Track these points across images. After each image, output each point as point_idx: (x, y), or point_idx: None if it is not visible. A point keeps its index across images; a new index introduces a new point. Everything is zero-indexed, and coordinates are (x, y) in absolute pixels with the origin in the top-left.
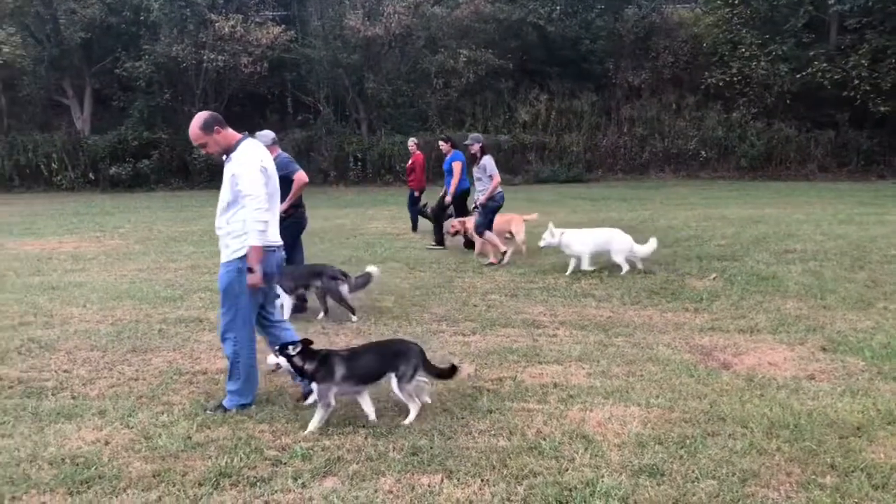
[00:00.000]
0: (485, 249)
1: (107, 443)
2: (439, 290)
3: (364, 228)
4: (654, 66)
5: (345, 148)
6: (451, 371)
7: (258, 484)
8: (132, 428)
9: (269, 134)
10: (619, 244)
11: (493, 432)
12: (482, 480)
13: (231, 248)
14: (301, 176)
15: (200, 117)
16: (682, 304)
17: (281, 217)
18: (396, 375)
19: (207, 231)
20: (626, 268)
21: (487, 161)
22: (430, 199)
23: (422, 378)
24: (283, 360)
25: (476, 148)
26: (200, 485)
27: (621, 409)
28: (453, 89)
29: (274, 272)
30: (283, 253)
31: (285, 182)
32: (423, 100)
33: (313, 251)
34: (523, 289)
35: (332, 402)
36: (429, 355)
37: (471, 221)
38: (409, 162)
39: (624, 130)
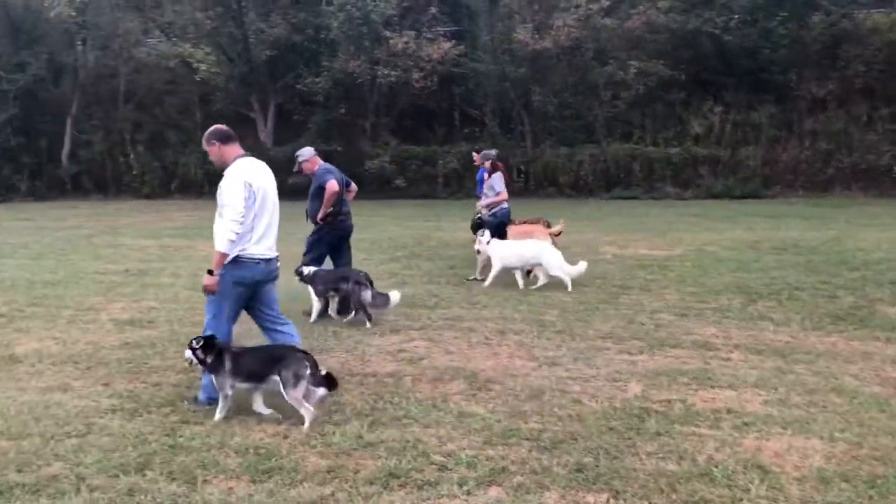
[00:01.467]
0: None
1: (285, 437)
2: (604, 306)
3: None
4: (843, 75)
5: (508, 160)
6: (332, 382)
7: (425, 487)
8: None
9: (309, 150)
10: (550, 257)
11: (661, 455)
12: (649, 503)
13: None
14: (332, 185)
15: (210, 129)
16: (871, 331)
17: (319, 223)
18: (280, 380)
19: (376, 240)
20: (542, 281)
21: (496, 177)
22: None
23: (313, 388)
24: (189, 353)
25: (487, 164)
26: (371, 483)
27: (801, 440)
28: (622, 101)
29: (258, 280)
30: (276, 265)
31: (321, 191)
32: (590, 112)
33: (475, 261)
34: (694, 308)
35: (229, 392)
36: (594, 372)
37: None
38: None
39: (806, 144)
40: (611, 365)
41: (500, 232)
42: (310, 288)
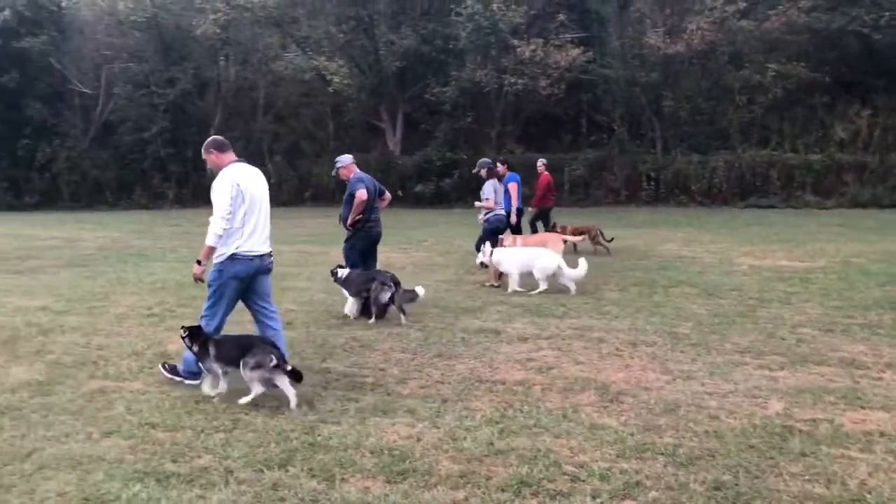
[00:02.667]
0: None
1: (418, 439)
2: (741, 319)
3: (657, 250)
4: None
5: (638, 167)
6: (297, 375)
7: (557, 497)
8: (440, 428)
9: (347, 157)
10: (546, 262)
11: (807, 477)
12: None
13: (216, 253)
14: (360, 194)
15: (208, 139)
16: None
17: (349, 229)
18: (243, 362)
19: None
20: (543, 287)
21: (486, 185)
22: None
23: (275, 375)
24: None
25: (483, 172)
26: (503, 490)
27: None
28: (758, 105)
29: (252, 274)
30: (270, 260)
31: (351, 199)
32: (724, 117)
33: (604, 270)
34: (840, 324)
35: (219, 371)
36: (731, 388)
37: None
38: (540, 180)
39: None
40: (749, 380)
41: (491, 237)
42: (343, 290)
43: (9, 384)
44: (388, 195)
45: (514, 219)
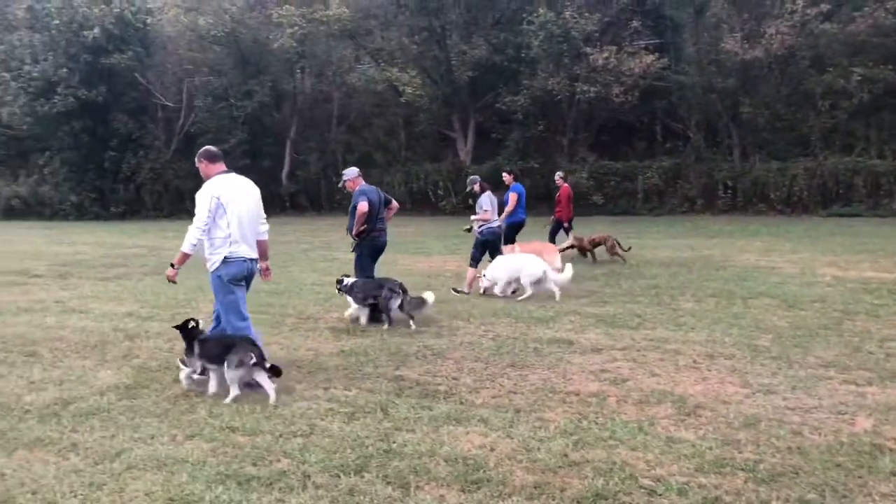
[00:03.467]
0: (471, 280)
1: (492, 449)
2: (825, 332)
3: (734, 260)
4: None
5: (714, 175)
6: (277, 371)
7: None
8: (513, 438)
9: (353, 170)
10: (531, 269)
11: None
12: None
13: (209, 262)
14: (362, 206)
15: (201, 150)
16: None
17: (354, 238)
18: (226, 361)
19: (575, 256)
20: (529, 292)
21: (483, 198)
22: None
23: (254, 374)
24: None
25: (476, 187)
26: (578, 502)
27: None
28: (842, 111)
29: (246, 276)
30: (256, 266)
31: (354, 210)
32: (805, 123)
33: (679, 280)
34: None
35: (199, 370)
36: (815, 403)
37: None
38: (558, 194)
39: None
40: (835, 396)
41: (488, 249)
42: (348, 297)
43: (98, 387)
44: (394, 205)
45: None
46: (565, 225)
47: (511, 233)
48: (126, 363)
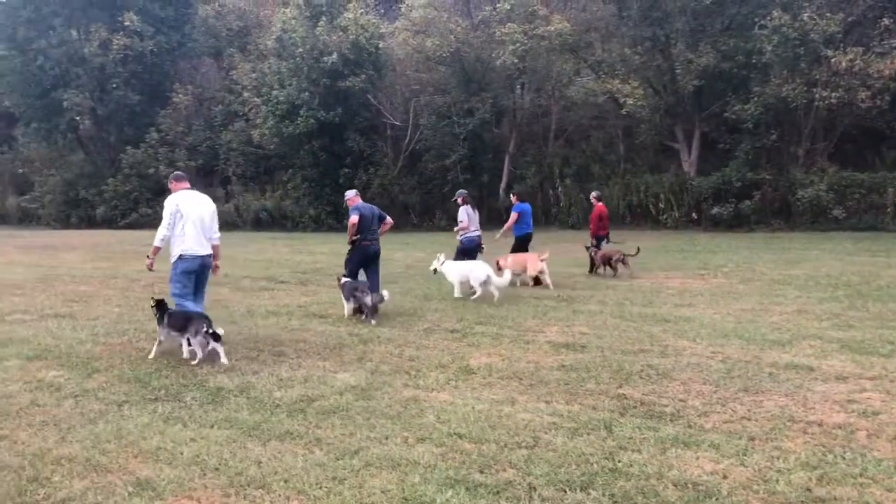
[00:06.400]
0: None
1: (724, 476)
2: None
3: None
4: None
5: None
6: (217, 336)
7: None
8: (748, 467)
9: (351, 191)
10: (476, 274)
11: None
12: None
13: (171, 256)
14: (352, 220)
15: (173, 173)
16: None
17: (350, 245)
18: (188, 332)
19: (813, 276)
20: (479, 292)
21: (460, 210)
22: None
23: (209, 341)
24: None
25: (460, 200)
26: None
27: None
28: None
29: (197, 268)
30: (210, 259)
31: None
32: None
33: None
34: None
35: (163, 338)
36: None
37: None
38: (593, 212)
39: None
40: None
41: (467, 255)
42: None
43: (337, 387)
44: (388, 221)
45: (496, 237)
46: (593, 241)
47: (519, 244)
48: (361, 366)
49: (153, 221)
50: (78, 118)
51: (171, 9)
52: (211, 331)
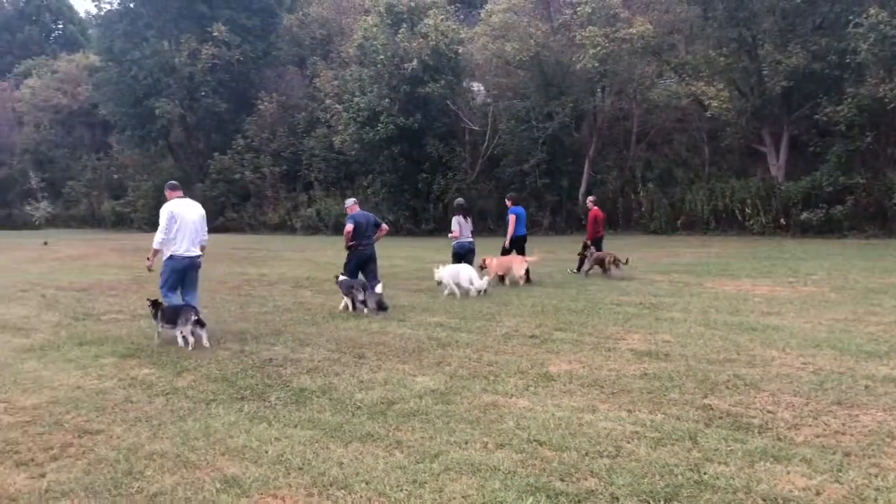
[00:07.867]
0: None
1: (818, 493)
2: None
3: None
4: None
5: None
6: (202, 323)
7: None
8: (843, 484)
9: (350, 200)
10: (462, 275)
11: None
12: None
13: (164, 256)
14: (347, 228)
15: (168, 182)
16: None
17: (347, 249)
18: (178, 323)
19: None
20: (471, 291)
21: (453, 220)
22: None
23: (196, 328)
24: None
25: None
26: None
27: None
28: None
29: (185, 268)
30: (199, 260)
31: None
32: None
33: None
34: None
35: (160, 330)
36: None
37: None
38: (589, 215)
39: None
40: None
41: (459, 260)
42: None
43: (416, 390)
44: (384, 227)
45: (506, 243)
46: (588, 243)
47: (514, 246)
48: (440, 370)
49: (239, 226)
50: (168, 125)
51: (257, 19)
52: (196, 318)
